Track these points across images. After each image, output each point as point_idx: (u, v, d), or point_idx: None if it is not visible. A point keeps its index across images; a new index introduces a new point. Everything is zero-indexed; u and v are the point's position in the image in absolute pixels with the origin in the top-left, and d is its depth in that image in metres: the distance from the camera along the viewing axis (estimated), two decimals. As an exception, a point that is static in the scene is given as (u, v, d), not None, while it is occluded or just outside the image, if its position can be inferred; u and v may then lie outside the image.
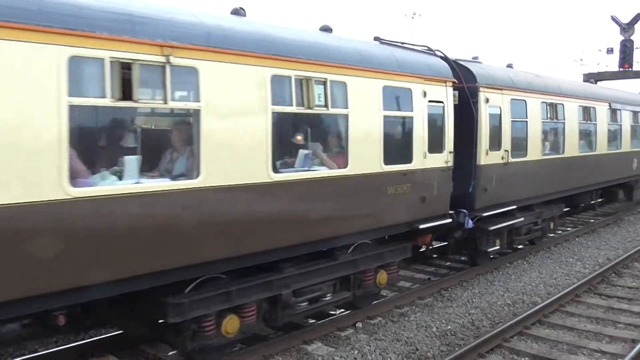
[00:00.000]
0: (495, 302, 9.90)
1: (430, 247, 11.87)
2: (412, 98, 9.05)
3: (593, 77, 23.08)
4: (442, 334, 8.41)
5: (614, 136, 17.24)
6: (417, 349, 7.79)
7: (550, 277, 11.59)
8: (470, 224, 10.61)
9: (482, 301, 9.93)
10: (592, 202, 18.04)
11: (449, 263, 12.77)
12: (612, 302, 10.01)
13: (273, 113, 6.86)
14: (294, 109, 7.27)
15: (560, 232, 16.01)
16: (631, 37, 23.08)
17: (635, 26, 22.85)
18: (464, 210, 10.54)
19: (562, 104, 13.79)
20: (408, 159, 9.02)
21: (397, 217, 8.98)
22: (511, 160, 11.62)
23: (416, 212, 9.24)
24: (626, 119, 18.09)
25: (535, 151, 12.68)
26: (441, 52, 10.76)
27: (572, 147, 14.36)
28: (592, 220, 18.27)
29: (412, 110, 9.06)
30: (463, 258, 12.80)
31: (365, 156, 8.23)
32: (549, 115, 13.38)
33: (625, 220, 18.73)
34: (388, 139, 8.59)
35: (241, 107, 6.54)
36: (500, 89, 11.42)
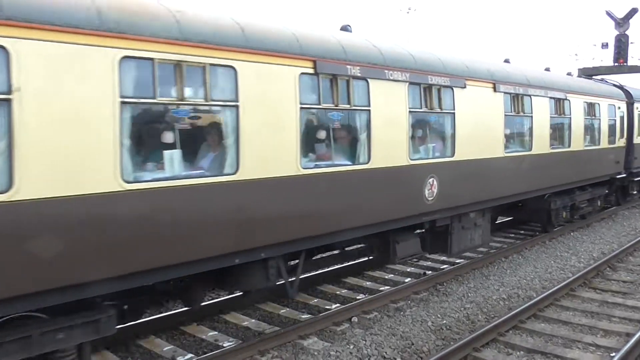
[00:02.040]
0: (490, 296, 9.92)
1: None
2: None
3: (588, 72, 23.11)
4: (437, 328, 8.42)
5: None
6: (413, 344, 7.80)
7: (545, 271, 11.62)
8: None
9: (477, 295, 9.94)
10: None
11: None
12: (607, 296, 10.05)
13: None
14: None
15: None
16: (626, 32, 23.06)
17: (630, 21, 22.87)
18: None
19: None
20: None
21: None
22: None
23: None
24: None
25: None
26: None
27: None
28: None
29: None
30: None
31: None
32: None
33: (620, 214, 18.81)
34: None
35: None
36: None
